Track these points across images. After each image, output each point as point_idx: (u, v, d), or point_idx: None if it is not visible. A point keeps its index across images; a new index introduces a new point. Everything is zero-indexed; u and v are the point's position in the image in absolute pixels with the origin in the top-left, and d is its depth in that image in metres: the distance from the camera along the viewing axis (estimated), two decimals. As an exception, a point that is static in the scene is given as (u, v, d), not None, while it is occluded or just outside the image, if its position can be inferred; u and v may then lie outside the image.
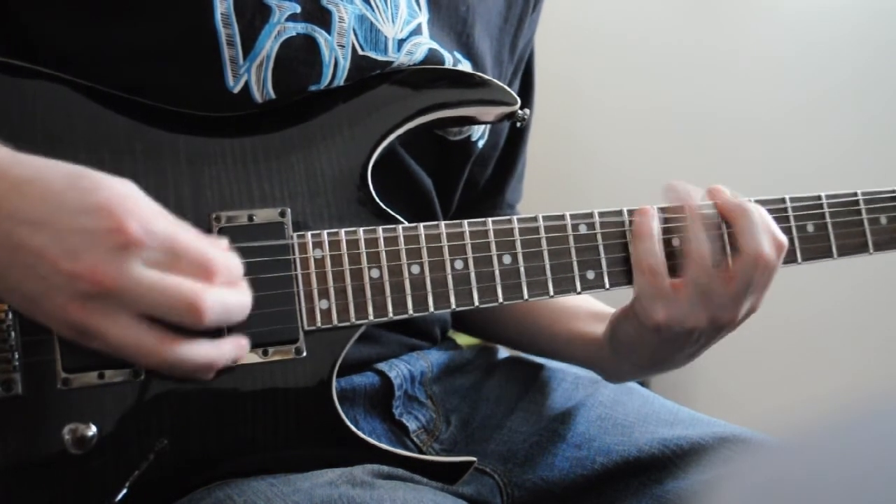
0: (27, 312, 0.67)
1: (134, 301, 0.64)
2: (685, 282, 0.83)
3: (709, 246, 0.83)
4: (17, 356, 0.70)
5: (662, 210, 0.86)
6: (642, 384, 1.07)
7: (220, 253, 0.68)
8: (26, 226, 0.63)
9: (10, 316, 0.70)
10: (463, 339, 1.12)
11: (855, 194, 0.92)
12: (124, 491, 0.71)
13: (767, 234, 0.84)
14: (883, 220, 0.93)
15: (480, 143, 0.96)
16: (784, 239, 0.85)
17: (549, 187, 1.45)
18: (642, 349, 0.89)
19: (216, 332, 0.70)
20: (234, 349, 0.71)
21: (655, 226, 0.84)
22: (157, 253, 0.64)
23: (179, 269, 0.65)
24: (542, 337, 1.02)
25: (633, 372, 0.96)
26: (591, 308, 1.01)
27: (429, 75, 0.86)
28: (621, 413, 0.95)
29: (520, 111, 0.87)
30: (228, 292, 0.67)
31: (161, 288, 0.64)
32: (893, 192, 0.94)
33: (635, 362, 0.92)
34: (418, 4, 0.88)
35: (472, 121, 0.90)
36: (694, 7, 2.19)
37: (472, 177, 1.01)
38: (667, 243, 0.85)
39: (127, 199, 0.65)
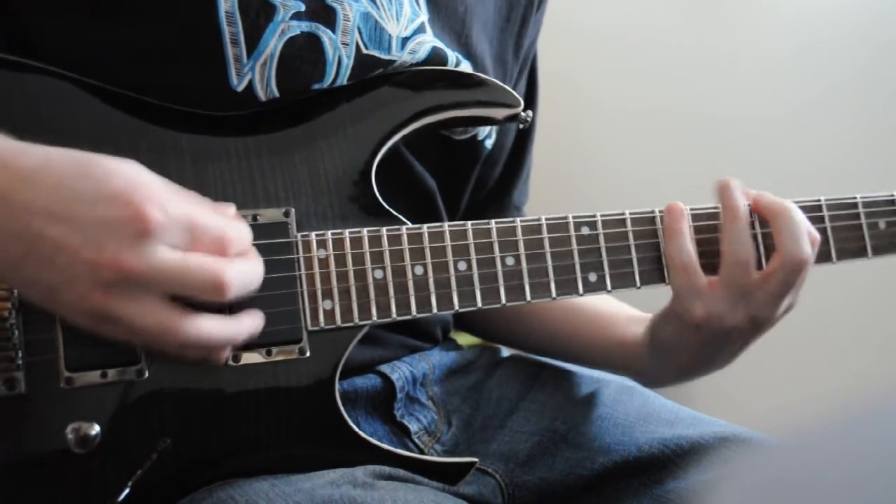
0: (44, 303, 0.67)
1: (159, 284, 0.65)
2: (721, 281, 0.84)
3: (746, 248, 0.84)
4: (20, 355, 0.71)
5: (691, 208, 0.87)
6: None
7: (232, 224, 0.69)
8: (42, 217, 0.63)
9: (14, 314, 0.70)
10: (464, 340, 1.12)
11: (854, 198, 0.93)
12: (127, 490, 0.71)
13: (806, 233, 0.85)
14: (882, 224, 0.93)
15: (488, 143, 0.96)
16: (816, 233, 0.87)
17: (551, 189, 1.45)
18: (683, 350, 0.90)
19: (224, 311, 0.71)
20: (252, 323, 0.72)
21: (685, 224, 0.85)
22: (176, 234, 0.65)
23: (199, 246, 0.66)
24: (577, 343, 1.03)
25: (674, 375, 0.97)
26: (627, 313, 1.01)
27: (432, 76, 0.86)
28: (622, 413, 0.95)
29: (522, 113, 0.87)
30: (245, 264, 0.69)
31: (185, 269, 0.65)
32: (892, 196, 0.94)
33: (676, 364, 0.93)
34: (418, 4, 0.88)
35: (477, 122, 0.90)
36: (695, 7, 2.19)
37: (482, 178, 1.01)
38: (699, 242, 0.86)
39: (141, 184, 0.65)
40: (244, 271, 0.68)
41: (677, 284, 0.85)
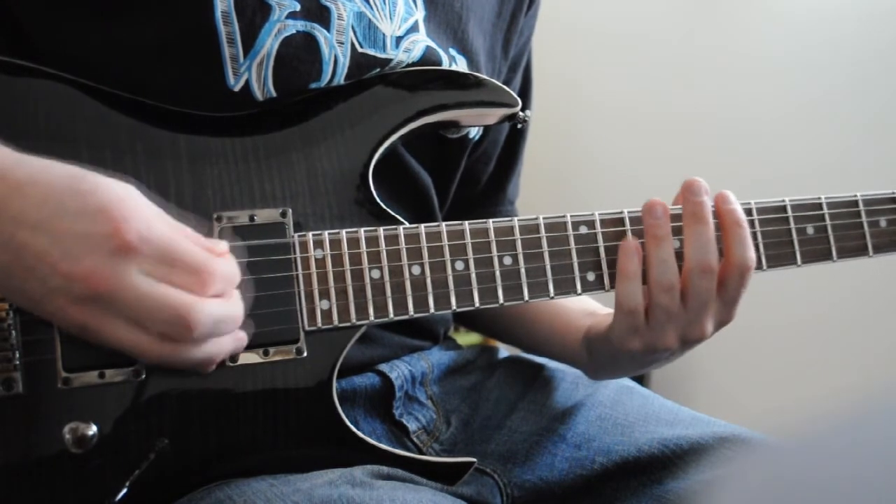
0: (33, 311, 0.67)
1: (127, 306, 0.64)
2: (651, 305, 0.83)
3: (670, 274, 0.82)
4: (17, 355, 0.70)
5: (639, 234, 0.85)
6: (642, 384, 1.07)
7: (216, 261, 0.68)
8: (28, 228, 0.64)
9: (11, 315, 0.70)
10: (463, 339, 1.12)
11: (854, 197, 0.92)
12: (124, 490, 0.71)
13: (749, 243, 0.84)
14: (882, 222, 0.93)
15: (473, 134, 0.97)
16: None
17: (549, 188, 1.45)
18: (618, 365, 0.91)
19: None
20: (232, 344, 0.71)
21: (638, 266, 0.83)
22: (152, 259, 0.65)
23: (174, 277, 0.65)
24: (528, 334, 1.04)
25: (610, 377, 0.98)
26: (574, 305, 1.01)
27: (429, 76, 0.86)
28: (621, 413, 0.95)
29: (521, 113, 0.87)
30: (219, 305, 0.67)
31: (152, 299, 0.64)
32: (893, 194, 0.94)
33: (614, 372, 0.95)
34: (415, 2, 0.88)
35: (475, 122, 0.90)
36: (694, 7, 2.19)
37: (475, 174, 1.01)
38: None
39: (125, 202, 0.65)
40: (215, 313, 0.67)
41: (619, 324, 0.84)
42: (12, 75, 0.75)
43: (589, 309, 0.99)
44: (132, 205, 0.65)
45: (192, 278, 0.66)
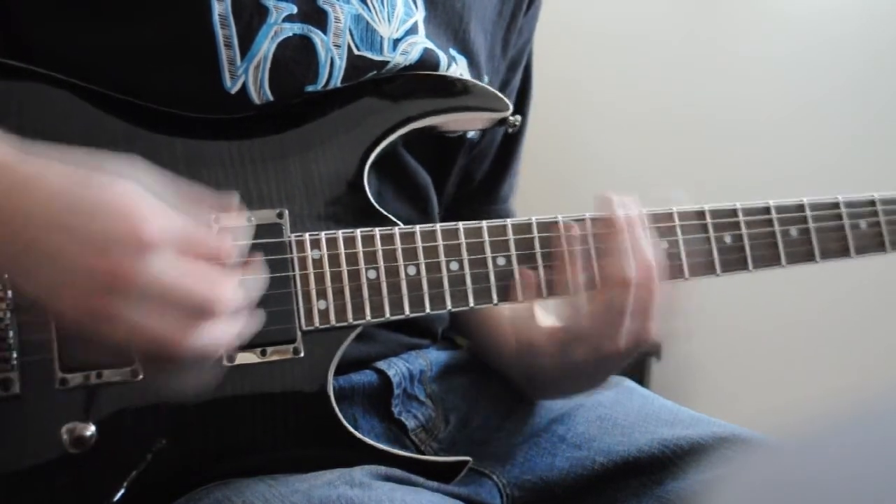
0: (39, 299, 0.67)
1: (159, 294, 0.64)
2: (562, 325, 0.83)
3: (579, 294, 0.82)
4: (14, 355, 0.71)
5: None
6: (642, 384, 1.07)
7: (228, 240, 0.69)
8: (38, 225, 0.63)
9: (9, 315, 0.70)
10: (463, 339, 1.12)
11: (836, 199, 0.94)
12: (122, 491, 0.71)
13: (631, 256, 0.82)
14: (863, 224, 0.94)
15: (472, 134, 0.97)
16: (651, 262, 0.83)
17: (542, 189, 1.45)
18: (538, 377, 0.91)
19: None
20: (248, 326, 0.70)
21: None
22: (173, 251, 0.65)
23: (196, 263, 0.66)
24: (480, 341, 1.03)
25: (543, 396, 0.97)
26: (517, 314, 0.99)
27: (422, 81, 0.86)
28: (621, 413, 0.95)
29: (511, 118, 0.87)
30: (240, 280, 0.69)
31: (184, 282, 0.65)
32: (872, 197, 0.95)
33: (542, 392, 0.96)
34: (415, 2, 0.88)
35: (464, 127, 0.90)
36: (693, 7, 2.19)
37: (470, 172, 1.02)
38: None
39: (136, 200, 0.65)
40: (239, 288, 0.68)
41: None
42: (8, 76, 0.75)
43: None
44: (144, 201, 0.65)
45: (213, 258, 0.67)
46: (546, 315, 0.97)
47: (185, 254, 0.66)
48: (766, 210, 0.90)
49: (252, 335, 0.73)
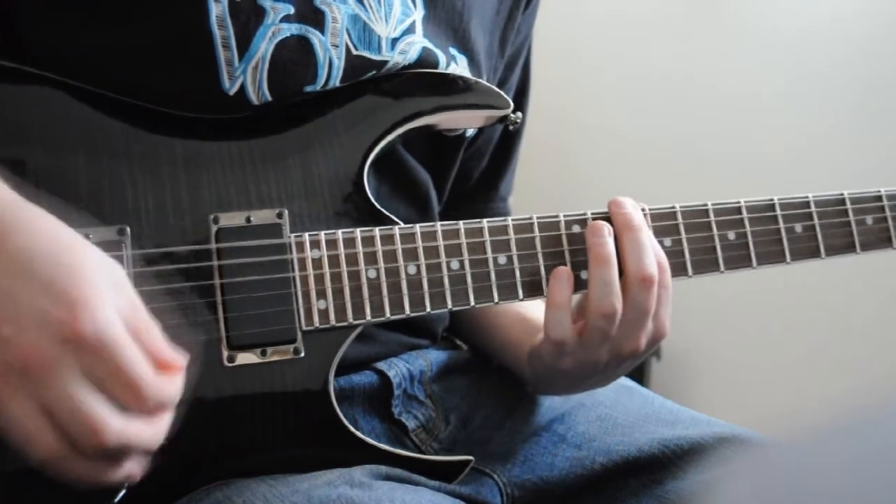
0: None
1: (46, 396, 0.60)
2: (586, 326, 0.82)
3: (612, 298, 0.81)
4: None
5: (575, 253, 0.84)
6: (642, 384, 1.07)
7: (156, 383, 0.63)
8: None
9: None
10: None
11: (842, 195, 0.93)
12: (123, 492, 0.71)
13: (652, 253, 0.82)
14: (869, 220, 0.94)
15: (469, 133, 0.97)
16: (663, 258, 0.83)
17: (543, 188, 1.45)
18: (557, 380, 0.90)
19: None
20: (122, 473, 0.64)
21: (568, 294, 0.82)
22: (96, 360, 0.60)
23: (109, 385, 0.61)
24: (488, 340, 1.02)
25: (555, 393, 0.97)
26: (530, 315, 0.98)
27: (421, 80, 0.86)
28: (621, 413, 0.95)
29: (512, 115, 0.87)
30: (139, 426, 0.62)
31: (74, 399, 0.60)
32: (879, 193, 0.95)
33: (550, 388, 0.94)
34: (413, 1, 0.88)
35: (465, 124, 0.90)
36: (692, 11, 2.19)
37: (467, 170, 1.02)
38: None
39: (96, 291, 0.61)
40: (129, 434, 0.62)
41: (547, 350, 0.83)
42: (7, 78, 0.75)
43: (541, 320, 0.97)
44: (99, 297, 0.61)
45: (126, 394, 0.61)
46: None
47: (102, 371, 0.60)
48: (771, 206, 0.90)
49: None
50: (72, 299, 0.60)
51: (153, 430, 0.64)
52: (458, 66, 0.91)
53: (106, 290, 0.62)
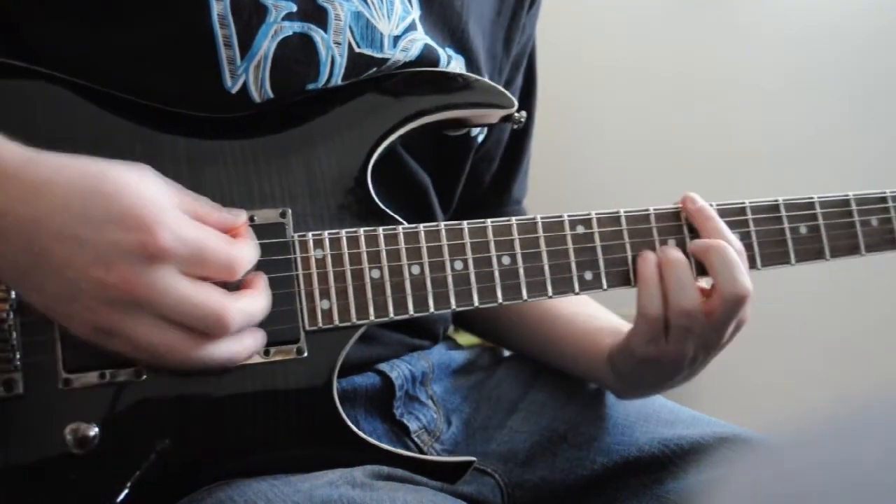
0: (47, 310, 0.68)
1: (164, 309, 0.65)
2: (670, 323, 0.83)
3: (691, 296, 0.82)
4: (17, 356, 0.70)
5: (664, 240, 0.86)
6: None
7: (241, 251, 0.70)
8: (49, 233, 0.64)
9: (12, 316, 0.70)
10: (464, 339, 1.12)
11: (846, 196, 0.93)
12: (126, 491, 0.71)
13: (741, 267, 0.83)
14: (874, 222, 0.94)
15: (479, 139, 0.96)
16: (740, 245, 0.85)
17: (547, 188, 1.45)
18: (643, 377, 0.89)
19: None
20: (254, 342, 0.72)
21: (654, 271, 0.83)
22: (185, 260, 0.66)
23: (207, 273, 0.67)
24: (552, 352, 1.01)
25: (639, 393, 0.96)
26: (600, 324, 0.99)
27: (425, 78, 0.86)
28: (621, 413, 0.95)
29: (516, 114, 0.87)
30: (250, 299, 0.70)
31: (190, 301, 0.66)
32: (884, 194, 0.95)
33: (638, 386, 0.93)
34: (410, 1, 0.88)
35: (470, 123, 0.90)
36: (695, 10, 2.19)
37: (478, 174, 1.01)
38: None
39: (150, 204, 0.65)
40: (248, 308, 0.69)
41: (639, 328, 0.84)
42: (10, 76, 0.75)
43: (614, 326, 0.97)
44: (158, 206, 0.66)
45: (224, 272, 0.68)
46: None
47: (196, 267, 0.66)
48: (776, 207, 0.90)
49: (256, 351, 0.73)
50: (137, 220, 0.64)
51: (261, 297, 0.72)
52: (455, 66, 0.91)
53: (156, 196, 0.66)
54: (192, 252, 0.66)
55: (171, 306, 0.65)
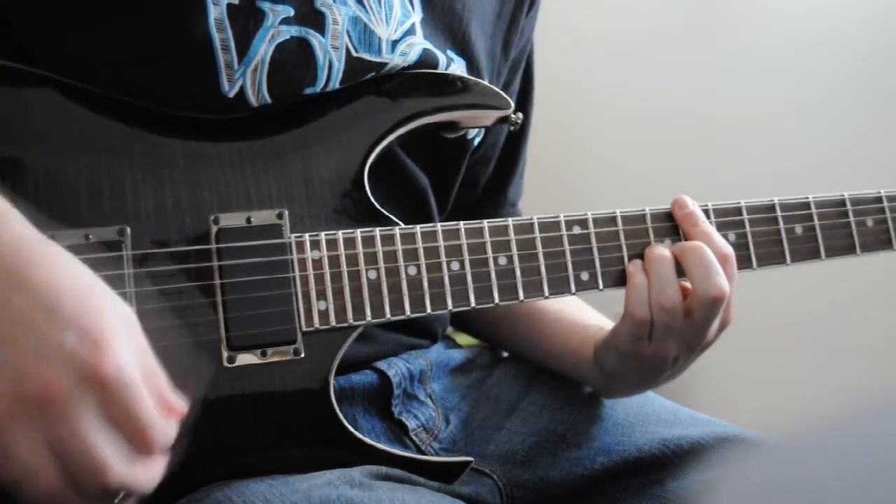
0: None
1: (58, 432, 0.59)
2: (652, 322, 0.83)
3: (672, 294, 0.83)
4: None
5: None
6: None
7: (163, 426, 0.63)
8: (26, 302, 0.60)
9: None
10: (463, 339, 1.12)
11: (842, 196, 0.94)
12: (123, 492, 0.71)
13: (716, 267, 0.83)
14: (869, 222, 0.94)
15: (476, 141, 0.97)
16: (728, 249, 0.85)
17: (543, 189, 1.45)
18: (627, 375, 0.90)
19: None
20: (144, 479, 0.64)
21: (645, 275, 0.84)
22: (112, 402, 0.60)
23: (120, 426, 0.61)
24: (539, 348, 1.02)
25: (622, 392, 0.96)
26: (587, 322, 0.99)
27: (421, 80, 0.86)
28: (621, 413, 0.95)
29: (513, 115, 0.87)
30: (139, 471, 0.62)
31: (87, 442, 0.60)
32: (879, 194, 0.95)
33: (623, 384, 0.93)
34: (411, 4, 0.88)
35: (467, 125, 0.90)
36: (693, 7, 2.19)
37: (474, 176, 1.01)
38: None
39: (118, 335, 0.61)
40: (131, 480, 0.62)
41: (625, 329, 0.84)
42: (8, 78, 0.75)
43: (600, 324, 0.98)
44: (121, 338, 0.61)
45: (136, 436, 0.61)
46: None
47: (116, 408, 0.60)
48: (771, 208, 0.90)
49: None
50: (96, 339, 0.60)
51: (152, 474, 0.64)
52: (456, 69, 0.91)
53: (123, 332, 0.62)
54: (123, 395, 0.60)
55: (66, 432, 0.59)
